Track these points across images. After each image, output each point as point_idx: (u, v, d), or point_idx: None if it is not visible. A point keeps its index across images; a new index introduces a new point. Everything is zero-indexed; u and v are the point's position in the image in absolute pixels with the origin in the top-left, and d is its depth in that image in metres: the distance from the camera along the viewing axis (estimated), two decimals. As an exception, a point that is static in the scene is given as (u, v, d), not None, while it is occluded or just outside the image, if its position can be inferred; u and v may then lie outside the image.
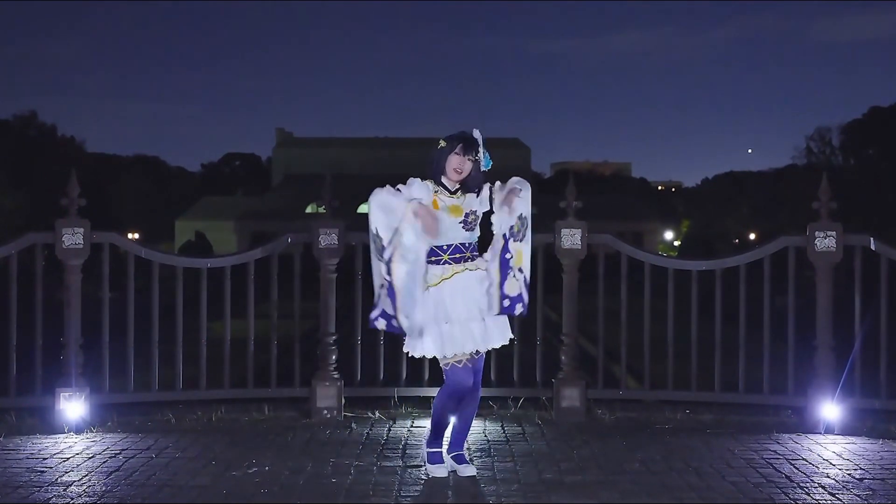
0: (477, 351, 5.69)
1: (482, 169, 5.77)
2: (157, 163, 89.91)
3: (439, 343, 5.61)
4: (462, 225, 5.69)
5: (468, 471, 5.80)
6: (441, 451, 5.86)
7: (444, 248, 5.67)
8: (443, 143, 5.72)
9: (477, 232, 5.79)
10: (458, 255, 5.70)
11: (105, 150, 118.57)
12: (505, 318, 5.80)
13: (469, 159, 5.70)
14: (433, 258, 5.65)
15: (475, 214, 5.73)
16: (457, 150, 5.69)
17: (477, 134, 5.77)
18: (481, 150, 5.75)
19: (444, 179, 5.73)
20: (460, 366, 5.64)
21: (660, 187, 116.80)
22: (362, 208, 6.10)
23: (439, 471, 5.79)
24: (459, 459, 5.85)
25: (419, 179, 5.77)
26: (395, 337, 7.61)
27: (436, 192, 5.71)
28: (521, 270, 5.73)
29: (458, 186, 5.74)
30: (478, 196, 5.76)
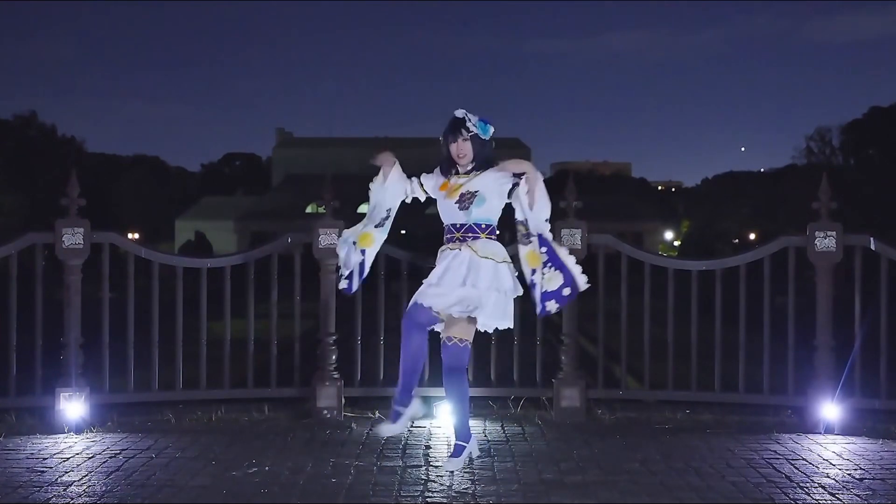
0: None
1: (484, 137, 5.74)
2: (157, 163, 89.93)
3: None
4: (457, 205, 5.74)
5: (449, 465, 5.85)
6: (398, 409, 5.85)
7: (444, 228, 5.82)
8: (441, 140, 5.82)
9: (475, 212, 5.69)
10: (450, 236, 5.80)
11: (105, 150, 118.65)
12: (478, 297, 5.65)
13: (462, 139, 5.73)
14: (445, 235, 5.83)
15: (471, 193, 5.69)
16: (449, 139, 5.77)
17: (459, 112, 5.78)
18: (470, 123, 5.74)
19: (458, 167, 5.81)
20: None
21: (660, 187, 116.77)
22: (362, 208, 6.14)
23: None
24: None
25: (436, 170, 5.93)
26: (395, 337, 7.63)
27: (449, 176, 5.80)
28: (534, 272, 5.69)
29: (470, 167, 5.78)
30: (493, 172, 5.73)
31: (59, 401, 7.05)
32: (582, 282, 5.70)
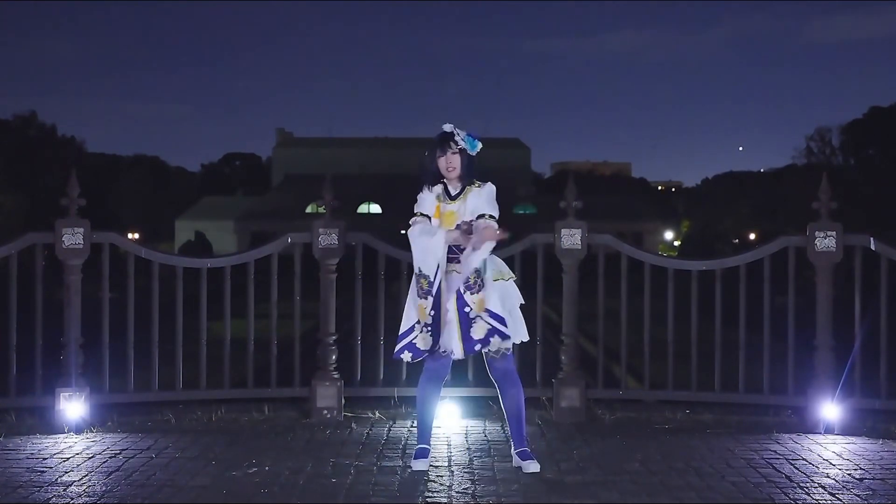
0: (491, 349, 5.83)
1: (471, 153, 5.86)
2: (157, 163, 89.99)
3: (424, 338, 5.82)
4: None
5: (531, 467, 5.84)
6: (424, 447, 5.97)
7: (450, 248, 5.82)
8: (426, 154, 5.87)
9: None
10: (451, 256, 5.83)
11: (105, 150, 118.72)
12: (494, 323, 5.81)
13: (451, 153, 5.81)
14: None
15: (467, 223, 5.76)
16: (437, 154, 5.84)
17: (448, 127, 5.88)
18: (458, 137, 5.83)
19: (446, 182, 5.87)
20: (435, 356, 5.85)
21: (660, 187, 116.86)
22: (362, 208, 6.19)
23: (417, 465, 5.91)
24: (522, 455, 5.93)
25: (426, 190, 5.89)
26: (395, 337, 7.63)
27: (439, 201, 5.86)
28: (487, 311, 5.77)
29: (459, 186, 5.84)
30: (475, 196, 5.84)
31: (59, 401, 7.05)
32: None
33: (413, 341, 5.83)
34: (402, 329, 5.86)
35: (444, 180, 5.87)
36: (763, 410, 7.53)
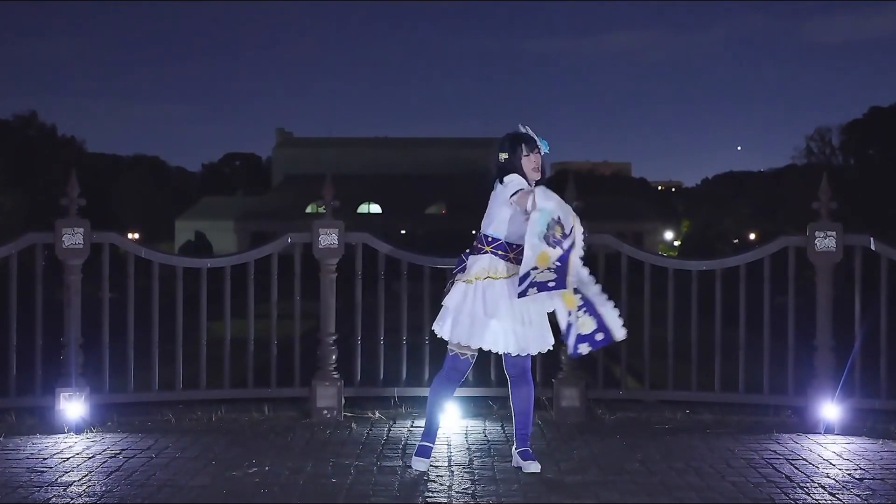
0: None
1: (543, 154, 5.87)
2: (157, 163, 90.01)
3: (465, 330, 5.71)
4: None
5: (531, 467, 5.82)
6: (427, 445, 5.93)
7: (514, 245, 5.70)
8: (505, 156, 5.76)
9: None
10: (517, 255, 5.70)
11: (105, 150, 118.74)
12: (543, 326, 5.82)
13: (536, 153, 5.80)
14: (501, 252, 5.71)
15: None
16: (524, 153, 5.78)
17: (523, 128, 5.86)
18: (537, 139, 5.83)
19: (528, 181, 5.77)
20: (462, 357, 5.79)
21: (660, 187, 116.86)
22: (362, 208, 6.16)
23: (417, 464, 5.87)
24: (524, 455, 5.91)
25: (518, 181, 5.71)
26: (395, 337, 7.64)
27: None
28: (569, 313, 5.68)
29: (533, 185, 5.80)
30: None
31: (59, 401, 7.05)
32: (620, 333, 5.72)
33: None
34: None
35: (528, 180, 5.79)
36: (763, 410, 7.53)
